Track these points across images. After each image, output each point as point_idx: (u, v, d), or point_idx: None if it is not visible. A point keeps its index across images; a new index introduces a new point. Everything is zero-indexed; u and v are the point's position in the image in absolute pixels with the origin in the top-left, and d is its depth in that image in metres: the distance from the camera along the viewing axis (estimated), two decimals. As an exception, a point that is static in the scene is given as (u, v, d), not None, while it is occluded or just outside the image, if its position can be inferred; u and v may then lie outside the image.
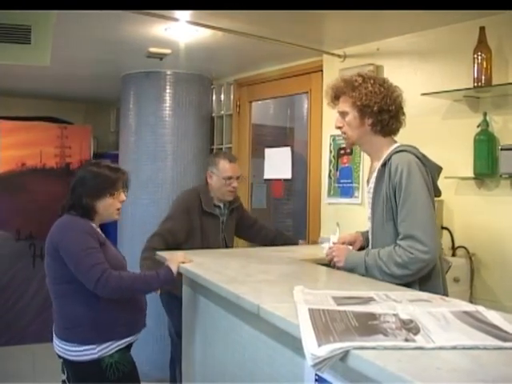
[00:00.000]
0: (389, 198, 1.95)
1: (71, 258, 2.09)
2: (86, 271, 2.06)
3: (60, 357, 2.18)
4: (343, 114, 2.09)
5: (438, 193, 2.08)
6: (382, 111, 2.01)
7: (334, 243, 2.20)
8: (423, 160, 1.97)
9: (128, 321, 2.20)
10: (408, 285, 1.88)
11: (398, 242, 1.91)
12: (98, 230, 2.29)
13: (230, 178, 3.11)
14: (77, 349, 2.12)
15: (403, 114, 2.09)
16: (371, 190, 2.06)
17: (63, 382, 2.20)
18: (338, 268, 2.11)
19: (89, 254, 2.08)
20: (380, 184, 2.01)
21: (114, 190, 2.25)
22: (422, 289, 1.86)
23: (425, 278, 1.93)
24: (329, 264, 2.20)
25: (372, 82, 2.04)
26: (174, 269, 2.17)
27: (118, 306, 2.17)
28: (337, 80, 2.15)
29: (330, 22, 2.97)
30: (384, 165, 2.00)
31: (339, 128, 2.13)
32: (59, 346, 2.17)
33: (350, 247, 2.21)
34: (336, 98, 2.13)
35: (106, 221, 2.33)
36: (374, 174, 2.06)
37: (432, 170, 2.01)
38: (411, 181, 1.89)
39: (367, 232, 2.19)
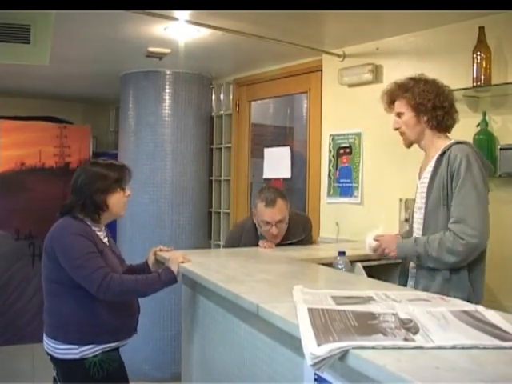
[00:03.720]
0: (445, 185, 2.04)
1: (70, 262, 2.07)
2: (87, 276, 2.05)
3: (47, 353, 2.20)
4: (399, 115, 2.21)
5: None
6: (436, 108, 2.13)
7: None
8: (480, 156, 2.07)
9: (115, 327, 2.18)
10: (457, 269, 2.00)
11: (449, 226, 2.00)
12: (101, 233, 2.28)
13: (266, 223, 2.71)
14: (60, 347, 2.12)
15: (456, 111, 2.19)
16: (425, 180, 2.15)
17: (54, 378, 2.21)
18: (389, 258, 2.24)
19: (89, 258, 2.07)
20: (437, 172, 2.10)
21: (123, 184, 2.28)
22: (470, 273, 2.02)
23: (474, 262, 2.03)
24: (331, 265, 2.21)
25: (424, 82, 2.18)
26: (175, 269, 2.16)
27: (108, 312, 2.15)
28: (390, 85, 2.28)
29: (330, 21, 2.97)
30: (442, 154, 2.09)
31: (397, 129, 2.23)
32: (46, 343, 2.19)
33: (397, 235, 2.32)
34: (391, 102, 2.26)
35: (114, 218, 2.35)
36: (431, 163, 2.14)
37: (486, 167, 2.09)
38: (470, 170, 1.99)
39: (406, 232, 2.35)
